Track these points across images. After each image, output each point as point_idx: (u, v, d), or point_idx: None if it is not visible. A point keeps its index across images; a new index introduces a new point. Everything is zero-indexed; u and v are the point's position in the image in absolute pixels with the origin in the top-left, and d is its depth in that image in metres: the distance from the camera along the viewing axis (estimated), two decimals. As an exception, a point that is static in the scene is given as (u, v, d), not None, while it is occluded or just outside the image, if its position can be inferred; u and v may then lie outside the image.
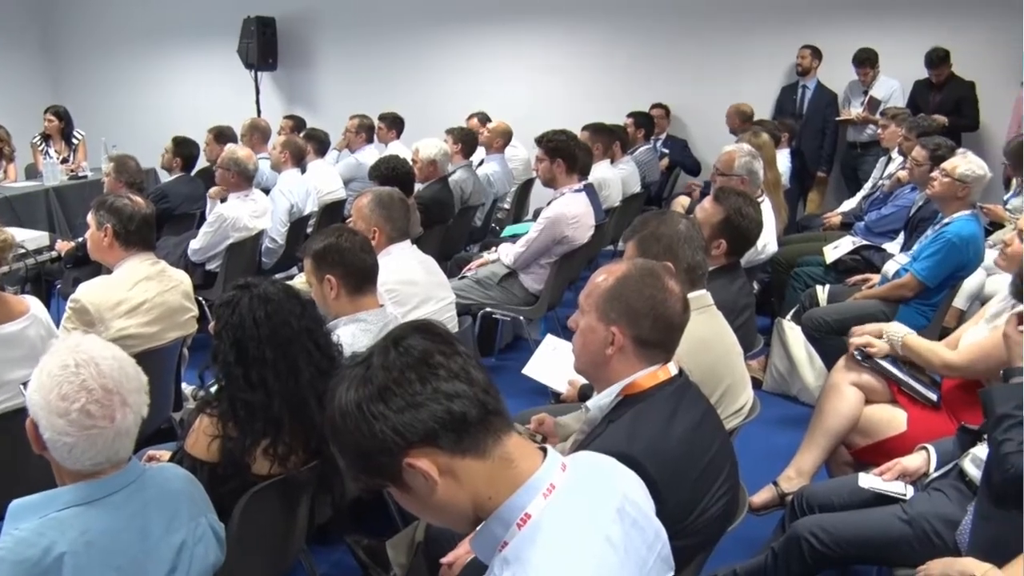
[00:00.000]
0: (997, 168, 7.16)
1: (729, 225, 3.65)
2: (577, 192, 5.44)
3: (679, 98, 9.23)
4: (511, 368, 4.77)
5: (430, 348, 1.47)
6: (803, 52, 8.80)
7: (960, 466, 2.87)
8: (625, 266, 2.30)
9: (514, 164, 8.19)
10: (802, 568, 2.81)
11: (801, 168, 8.42)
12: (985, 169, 4.75)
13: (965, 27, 8.48)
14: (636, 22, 9.48)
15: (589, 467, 1.63)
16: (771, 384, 5.23)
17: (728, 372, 2.82)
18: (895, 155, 6.97)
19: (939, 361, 3.49)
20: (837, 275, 5.65)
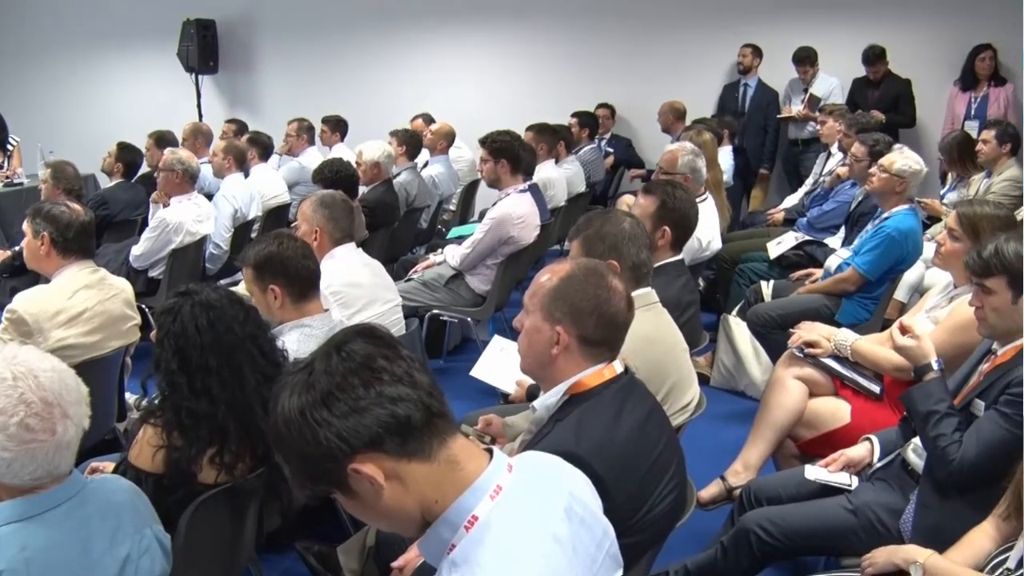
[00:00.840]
0: (934, 163, 7.32)
1: (666, 210, 3.68)
2: (522, 192, 5.45)
3: (623, 97, 9.29)
4: (460, 370, 4.76)
5: (373, 352, 1.46)
6: (744, 51, 8.92)
7: (903, 456, 2.92)
8: (569, 266, 2.30)
9: (459, 165, 8.18)
10: (751, 560, 2.84)
11: (744, 165, 8.52)
12: (921, 164, 4.84)
13: (901, 26, 8.66)
14: (579, 22, 9.53)
15: (535, 467, 1.64)
16: (718, 380, 5.29)
17: (674, 369, 2.84)
18: (835, 151, 7.07)
19: (889, 365, 3.53)
20: (781, 271, 5.72)
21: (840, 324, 4.47)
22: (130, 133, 7.50)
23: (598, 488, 1.73)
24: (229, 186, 6.54)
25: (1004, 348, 2.75)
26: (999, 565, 2.27)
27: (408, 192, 6.84)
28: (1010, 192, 6.13)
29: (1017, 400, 2.49)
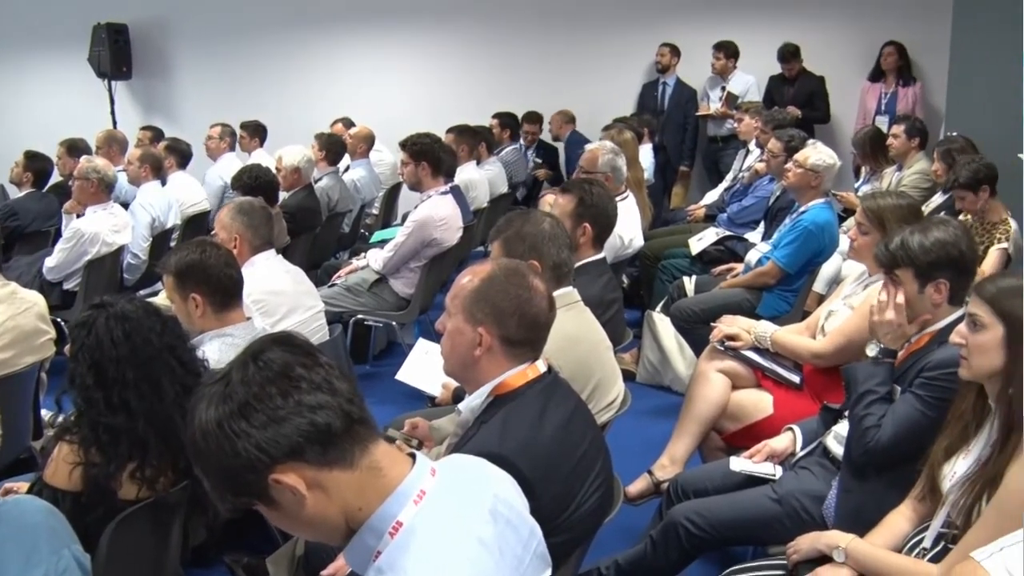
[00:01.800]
0: (847, 157, 7.49)
1: (584, 207, 3.71)
2: (444, 194, 5.44)
3: (543, 98, 9.29)
4: (386, 374, 4.73)
5: (290, 361, 1.45)
6: (662, 50, 9.03)
7: (824, 443, 2.97)
8: (489, 267, 2.30)
9: (381, 169, 8.13)
10: (680, 553, 2.87)
11: (664, 163, 8.63)
12: (835, 158, 4.96)
13: (814, 25, 8.88)
14: (499, 24, 9.54)
15: (459, 470, 1.63)
16: (644, 375, 5.33)
17: (598, 366, 2.86)
18: (753, 147, 7.19)
19: (807, 352, 3.61)
20: (703, 266, 5.80)
21: (761, 317, 4.54)
22: (40, 142, 7.32)
23: (524, 488, 1.73)
24: (146, 195, 6.40)
25: (917, 335, 2.82)
26: (917, 545, 2.33)
27: (330, 197, 6.79)
28: (920, 184, 6.30)
29: (931, 383, 2.56)
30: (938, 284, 2.69)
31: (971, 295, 2.32)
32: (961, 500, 2.21)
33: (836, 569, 2.36)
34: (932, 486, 2.37)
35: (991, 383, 2.24)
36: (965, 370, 2.28)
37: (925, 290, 2.71)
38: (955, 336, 2.32)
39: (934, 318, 2.75)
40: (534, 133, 9.16)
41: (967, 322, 2.28)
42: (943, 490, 2.32)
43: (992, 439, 2.22)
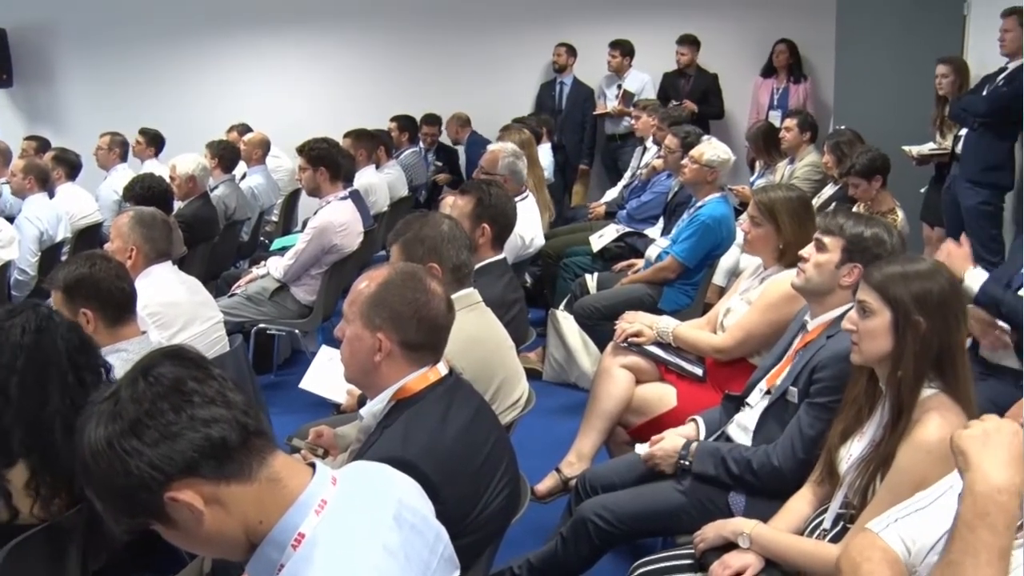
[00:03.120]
0: (742, 151, 7.66)
1: (483, 207, 3.70)
2: (343, 199, 5.39)
3: (441, 100, 9.26)
4: (291, 383, 4.65)
5: (182, 375, 1.41)
6: (559, 50, 9.10)
7: (726, 432, 3.03)
8: (386, 271, 2.29)
9: (279, 175, 8.01)
10: (590, 548, 2.89)
11: (564, 162, 8.69)
12: (729, 154, 5.06)
13: (707, 23, 9.09)
14: (396, 26, 9.48)
15: (361, 477, 1.61)
16: (550, 374, 5.36)
17: (501, 367, 2.86)
18: (650, 144, 7.30)
19: (709, 347, 3.67)
20: (604, 263, 5.87)
21: (663, 311, 4.62)
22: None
23: (429, 491, 1.72)
24: (32, 207, 6.17)
25: (814, 323, 2.91)
26: (818, 526, 2.39)
27: (227, 205, 6.65)
28: (812, 176, 6.47)
29: (826, 387, 2.64)
30: (853, 267, 2.79)
31: (861, 282, 2.40)
32: (857, 481, 2.28)
33: (742, 555, 2.41)
34: (830, 469, 2.44)
35: (881, 367, 2.32)
36: (856, 355, 2.35)
37: (842, 267, 2.82)
38: (846, 322, 2.39)
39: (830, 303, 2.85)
40: (433, 135, 9.13)
41: (856, 308, 2.35)
42: (840, 472, 2.39)
43: (884, 421, 2.29)
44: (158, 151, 8.05)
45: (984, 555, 1.44)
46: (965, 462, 1.53)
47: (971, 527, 1.46)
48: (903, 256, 2.57)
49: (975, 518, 1.47)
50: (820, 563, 2.26)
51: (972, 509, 1.47)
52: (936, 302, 2.24)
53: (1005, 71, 5.74)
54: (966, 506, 1.49)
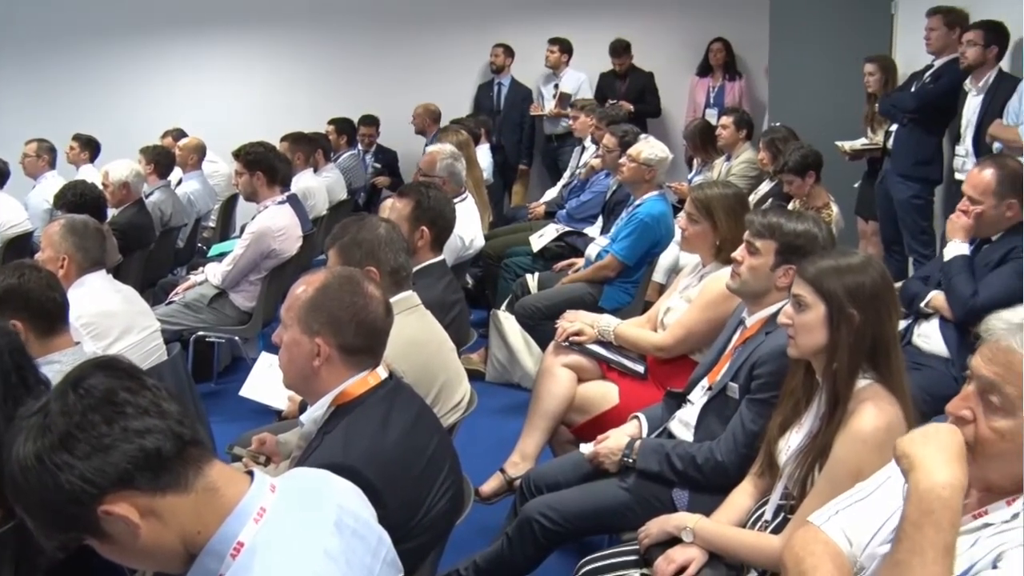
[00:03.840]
0: (680, 149, 7.74)
1: (421, 210, 3.69)
2: (281, 204, 5.33)
3: (379, 102, 9.23)
4: (232, 391, 4.59)
5: (114, 386, 1.39)
6: (496, 51, 9.11)
7: (668, 429, 3.06)
8: (323, 275, 2.27)
9: (215, 180, 7.91)
10: (536, 548, 2.89)
11: (503, 162, 8.71)
12: (666, 152, 5.11)
13: (642, 22, 9.19)
14: (332, 28, 9.42)
15: (300, 484, 1.60)
16: (493, 374, 5.36)
17: (442, 369, 2.86)
18: (589, 144, 7.34)
19: (650, 345, 3.69)
20: (545, 262, 5.89)
21: (604, 309, 4.64)
22: None
23: (372, 496, 1.71)
24: (-44, 218, 6.04)
25: (752, 319, 2.94)
26: (759, 518, 2.43)
27: (162, 211, 6.55)
28: (748, 173, 6.57)
29: (766, 383, 2.67)
30: (788, 269, 2.80)
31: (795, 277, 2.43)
32: (796, 472, 2.31)
33: (685, 548, 2.44)
34: (770, 461, 2.47)
35: (817, 360, 2.35)
36: (793, 349, 2.38)
37: (777, 269, 2.84)
38: (782, 317, 2.42)
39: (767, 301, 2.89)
40: (371, 136, 9.08)
41: (792, 303, 2.38)
42: (780, 464, 2.42)
43: (820, 412, 2.33)
44: (93, 157, 7.90)
45: (931, 553, 1.46)
46: (908, 463, 1.55)
47: (917, 526, 1.48)
48: (836, 250, 2.60)
49: (921, 516, 1.49)
50: (762, 554, 2.29)
51: (917, 508, 1.49)
52: (869, 294, 2.28)
53: (932, 68, 5.87)
54: (911, 505, 1.50)
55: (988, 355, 1.60)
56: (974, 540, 1.57)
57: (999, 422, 1.56)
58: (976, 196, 3.61)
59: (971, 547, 1.56)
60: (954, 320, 3.58)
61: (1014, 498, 1.58)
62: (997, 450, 1.56)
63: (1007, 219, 3.60)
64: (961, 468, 1.53)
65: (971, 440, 1.59)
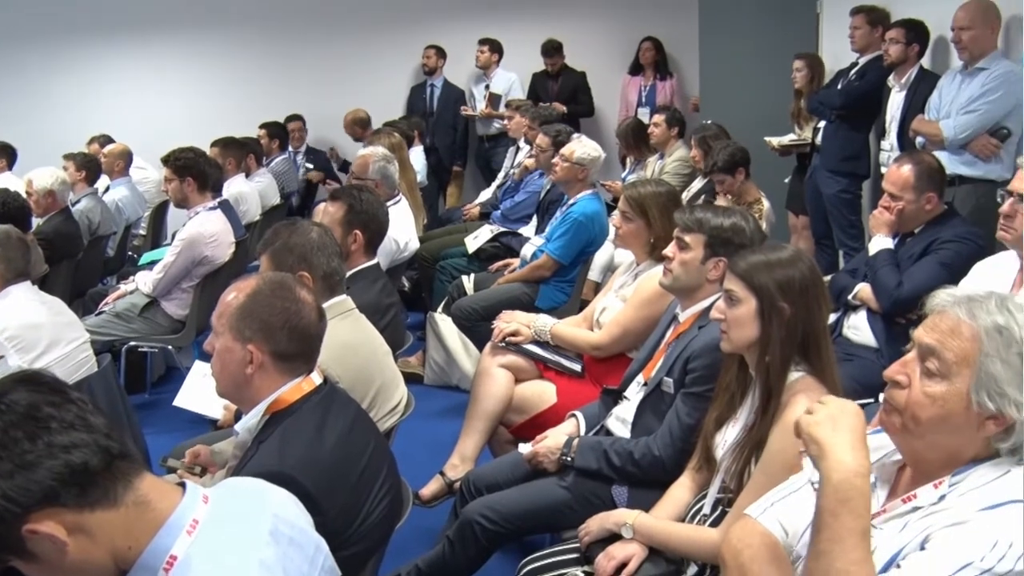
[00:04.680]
0: (613, 148, 7.79)
1: (354, 214, 3.67)
2: (212, 210, 5.26)
3: (314, 107, 9.16)
4: (167, 402, 4.52)
5: (37, 400, 1.35)
6: (428, 52, 9.09)
7: (606, 426, 3.08)
8: (254, 281, 2.24)
9: (145, 187, 7.77)
10: (478, 549, 2.89)
11: (437, 164, 8.70)
12: (599, 151, 5.14)
13: (574, 22, 9.25)
14: (261, 32, 9.30)
15: (234, 493, 1.58)
16: (432, 377, 5.35)
17: (378, 373, 2.84)
18: (522, 145, 7.35)
19: (586, 344, 3.72)
20: (480, 263, 5.89)
21: (541, 309, 4.66)
22: None
23: (309, 504, 1.70)
24: None
25: (685, 315, 2.98)
26: (698, 512, 2.46)
27: (90, 220, 6.42)
28: (681, 170, 6.63)
29: (700, 376, 2.70)
30: (718, 262, 2.86)
31: (726, 272, 2.46)
32: (733, 466, 2.34)
33: (625, 545, 2.45)
34: (707, 456, 2.50)
35: (750, 353, 2.38)
36: (726, 343, 2.41)
37: (707, 262, 2.89)
38: (714, 312, 2.46)
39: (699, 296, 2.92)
40: (299, 130, 8.98)
41: (724, 298, 2.41)
42: (717, 458, 2.45)
43: (755, 406, 2.36)
44: (11, 164, 7.71)
45: (850, 540, 1.49)
46: (819, 450, 1.57)
47: (835, 514, 1.51)
48: (766, 245, 2.65)
49: (838, 505, 1.51)
50: (701, 547, 2.32)
51: (834, 497, 1.51)
52: (799, 288, 2.32)
53: (856, 66, 5.99)
54: (827, 495, 1.53)
55: (931, 323, 1.65)
56: (904, 524, 1.61)
57: (933, 387, 1.60)
58: (896, 192, 3.71)
59: (901, 531, 1.60)
60: (881, 311, 3.67)
61: (941, 480, 1.62)
62: (928, 415, 1.60)
63: (927, 212, 3.71)
64: (866, 451, 1.56)
65: (902, 405, 1.63)
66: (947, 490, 1.60)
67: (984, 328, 1.59)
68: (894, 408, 1.65)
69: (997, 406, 1.56)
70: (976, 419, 1.59)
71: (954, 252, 3.58)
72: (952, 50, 5.04)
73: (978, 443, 1.61)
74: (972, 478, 1.60)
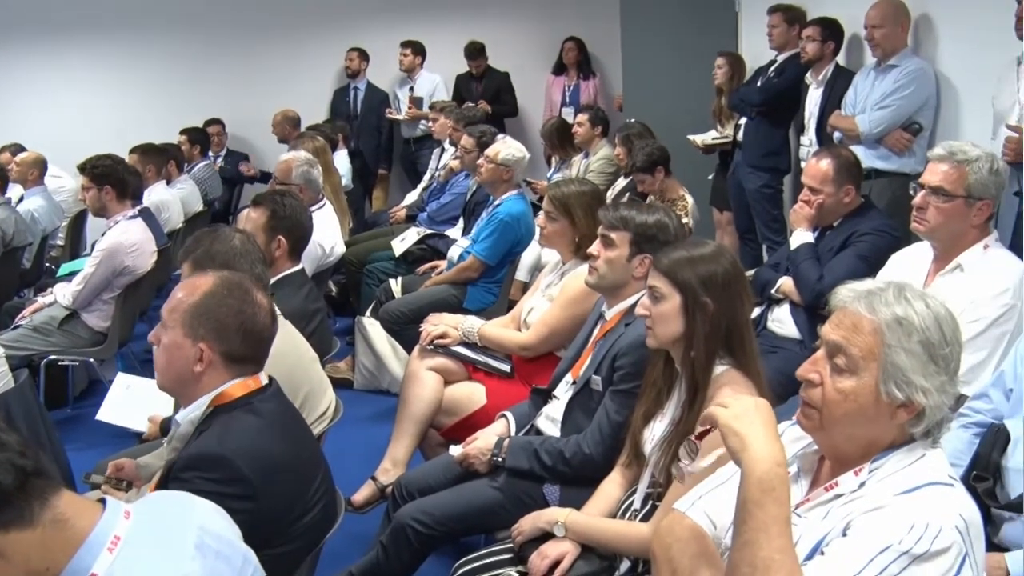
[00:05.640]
0: (538, 148, 7.82)
1: (277, 219, 3.62)
2: (132, 218, 5.14)
3: (235, 111, 9.02)
4: (89, 416, 4.41)
5: None
6: (351, 54, 9.03)
7: (536, 426, 3.10)
8: (211, 280, 2.21)
9: (62, 196, 7.55)
10: (411, 553, 2.88)
11: (362, 168, 8.64)
12: (524, 151, 5.17)
13: (496, 23, 9.27)
14: (181, 35, 9.11)
15: (157, 507, 1.55)
16: (361, 382, 5.32)
17: (305, 379, 2.81)
18: (448, 146, 7.34)
19: (515, 345, 3.74)
20: (408, 266, 5.87)
21: (469, 310, 4.66)
22: None
23: (245, 488, 1.73)
24: None
25: (611, 312, 3.00)
26: (628, 508, 2.48)
27: (3, 231, 6.22)
28: (605, 169, 6.69)
29: (628, 373, 2.72)
30: (644, 259, 2.88)
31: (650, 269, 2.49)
32: (661, 460, 2.36)
33: (558, 543, 2.47)
34: (636, 451, 2.53)
35: (675, 349, 2.41)
36: (651, 339, 2.44)
37: (633, 259, 2.92)
38: (639, 308, 2.48)
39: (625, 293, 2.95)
40: (219, 134, 8.85)
41: (648, 294, 2.44)
42: (646, 453, 2.48)
43: (682, 400, 2.39)
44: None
45: (774, 528, 1.52)
46: (740, 443, 1.60)
47: (759, 504, 1.54)
48: (689, 241, 2.69)
49: (762, 495, 1.54)
50: (632, 542, 2.34)
51: (758, 487, 1.54)
52: (721, 283, 2.36)
53: (775, 63, 6.11)
54: (750, 485, 1.55)
55: (836, 320, 1.70)
56: (827, 512, 1.65)
57: (844, 383, 1.65)
58: (816, 186, 3.79)
59: (824, 519, 1.64)
60: (803, 304, 3.74)
61: (860, 468, 1.66)
62: (842, 411, 1.65)
63: (845, 205, 3.80)
64: (781, 443, 1.61)
65: (818, 403, 1.67)
66: (866, 477, 1.65)
67: (884, 321, 1.64)
68: (811, 406, 1.69)
69: (905, 394, 1.62)
70: (887, 409, 1.64)
71: (872, 245, 3.67)
72: (866, 47, 5.16)
73: (893, 431, 1.67)
74: (889, 464, 1.65)
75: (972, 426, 2.60)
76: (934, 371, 1.62)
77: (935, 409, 1.63)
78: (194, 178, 7.70)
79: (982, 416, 2.60)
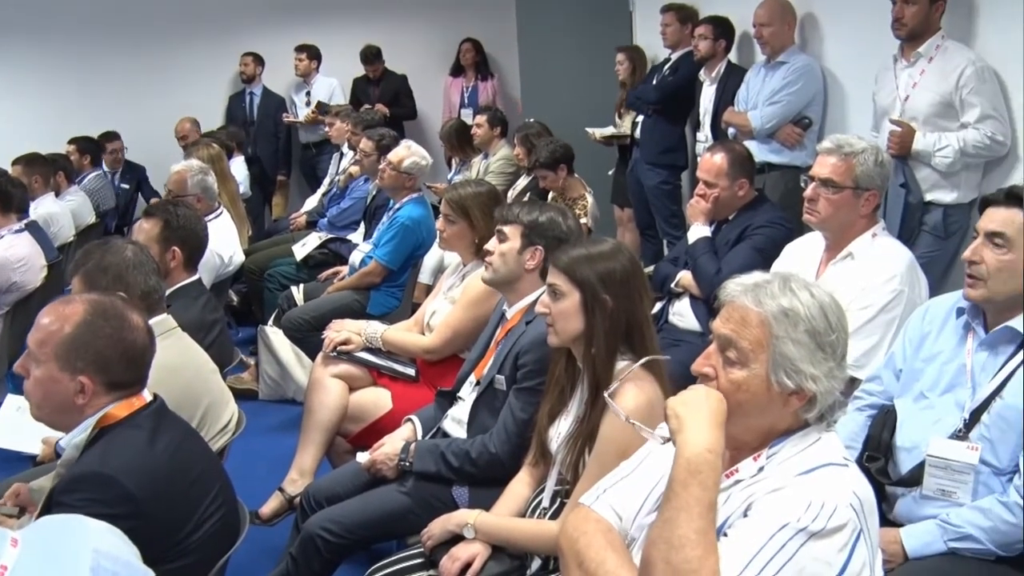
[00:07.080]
0: (438, 150, 7.81)
1: (171, 230, 3.56)
2: (19, 232, 4.98)
3: (125, 118, 8.72)
4: (-20, 440, 4.26)
5: None
6: (245, 59, 8.88)
7: (442, 428, 3.10)
8: (81, 308, 2.14)
9: (-58, 211, 7.27)
10: (322, 563, 2.85)
11: (260, 174, 8.50)
12: (427, 158, 5.17)
13: (393, 25, 9.22)
14: (68, 41, 8.79)
15: (47, 533, 1.51)
16: (266, 392, 5.24)
17: (205, 392, 2.77)
18: (346, 150, 7.27)
19: (418, 348, 3.73)
20: (310, 271, 5.80)
21: (373, 316, 4.63)
22: None
23: (130, 507, 1.71)
24: None
25: (512, 311, 3.02)
26: (537, 506, 2.50)
27: None
28: (505, 169, 6.72)
29: (531, 371, 2.74)
30: (535, 251, 2.94)
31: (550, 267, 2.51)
32: (568, 457, 2.39)
33: (468, 545, 2.47)
34: (542, 450, 2.55)
35: (577, 346, 2.44)
36: (553, 337, 2.46)
37: (525, 251, 2.96)
38: (539, 306, 2.50)
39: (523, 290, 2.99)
40: (117, 151, 8.56)
41: (548, 292, 2.46)
42: (552, 451, 2.49)
43: (585, 397, 2.42)
44: None
45: (696, 509, 1.58)
46: (678, 424, 1.66)
47: (684, 484, 1.59)
48: (587, 239, 2.73)
49: (688, 476, 1.60)
50: (542, 540, 2.36)
51: (686, 468, 1.60)
52: (620, 280, 2.39)
53: (670, 61, 6.21)
54: (679, 466, 1.62)
55: (725, 315, 1.76)
56: (727, 496, 1.70)
57: (736, 374, 1.71)
58: (711, 180, 3.87)
59: (725, 503, 1.69)
60: (702, 297, 3.81)
61: (759, 454, 1.72)
62: (735, 401, 1.70)
63: (740, 198, 3.89)
64: (721, 433, 1.66)
65: None
66: (765, 462, 1.71)
67: (771, 313, 1.70)
68: None
69: (796, 383, 1.68)
70: (780, 397, 1.70)
71: (766, 237, 3.76)
72: (756, 45, 5.29)
73: (788, 417, 1.73)
74: (786, 449, 1.72)
75: (866, 408, 2.69)
76: (822, 358, 1.69)
77: (826, 394, 1.70)
78: (85, 189, 7.45)
79: (875, 398, 2.69)
